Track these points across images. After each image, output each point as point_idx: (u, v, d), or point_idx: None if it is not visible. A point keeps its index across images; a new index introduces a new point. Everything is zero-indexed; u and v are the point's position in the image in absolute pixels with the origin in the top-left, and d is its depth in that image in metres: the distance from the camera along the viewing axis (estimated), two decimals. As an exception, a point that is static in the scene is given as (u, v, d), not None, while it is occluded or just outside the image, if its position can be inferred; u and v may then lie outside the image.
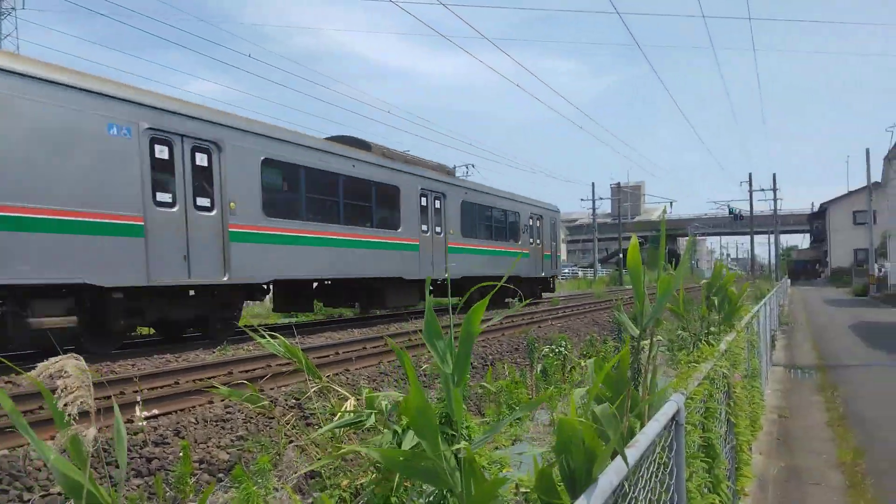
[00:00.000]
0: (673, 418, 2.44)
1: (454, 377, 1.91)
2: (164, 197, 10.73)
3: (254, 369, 9.51)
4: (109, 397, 7.28)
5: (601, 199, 65.83)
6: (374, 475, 5.72)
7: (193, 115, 11.38)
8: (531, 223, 25.35)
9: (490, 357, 12.69)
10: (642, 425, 2.29)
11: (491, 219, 22.47)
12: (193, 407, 7.26)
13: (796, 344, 15.58)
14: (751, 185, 55.24)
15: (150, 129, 10.53)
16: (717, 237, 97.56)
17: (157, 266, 10.41)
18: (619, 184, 70.69)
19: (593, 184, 70.97)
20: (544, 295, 28.38)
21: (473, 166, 53.69)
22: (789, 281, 42.91)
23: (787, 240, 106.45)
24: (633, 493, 1.98)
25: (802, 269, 74.76)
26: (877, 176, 41.72)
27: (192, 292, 11.91)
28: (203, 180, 11.46)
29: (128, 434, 6.34)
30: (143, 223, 10.23)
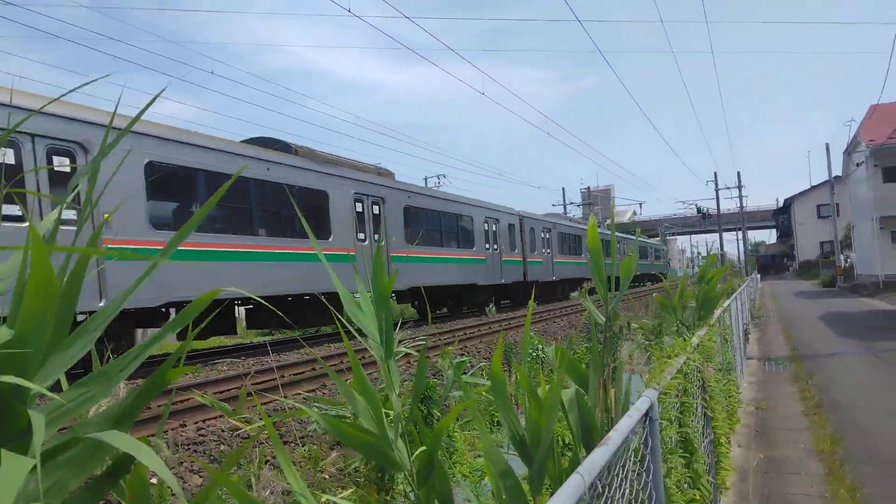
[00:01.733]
0: (646, 414, 2.38)
1: (384, 350, 1.94)
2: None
3: (228, 389, 9.31)
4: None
5: (572, 203, 66.55)
6: (353, 490, 5.57)
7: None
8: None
9: (469, 364, 12.59)
10: (610, 419, 2.22)
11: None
12: (165, 431, 7.06)
13: (769, 337, 15.74)
14: (716, 183, 56.10)
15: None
16: (687, 236, 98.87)
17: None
18: (589, 188, 71.12)
19: (563, 189, 70.89)
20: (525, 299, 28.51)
21: (445, 176, 53.54)
22: (759, 275, 43.51)
23: (755, 235, 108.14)
24: (608, 492, 1.91)
25: (771, 264, 76.01)
26: (838, 170, 42.58)
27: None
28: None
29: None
30: None
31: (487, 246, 24.26)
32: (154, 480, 4.44)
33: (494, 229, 24.96)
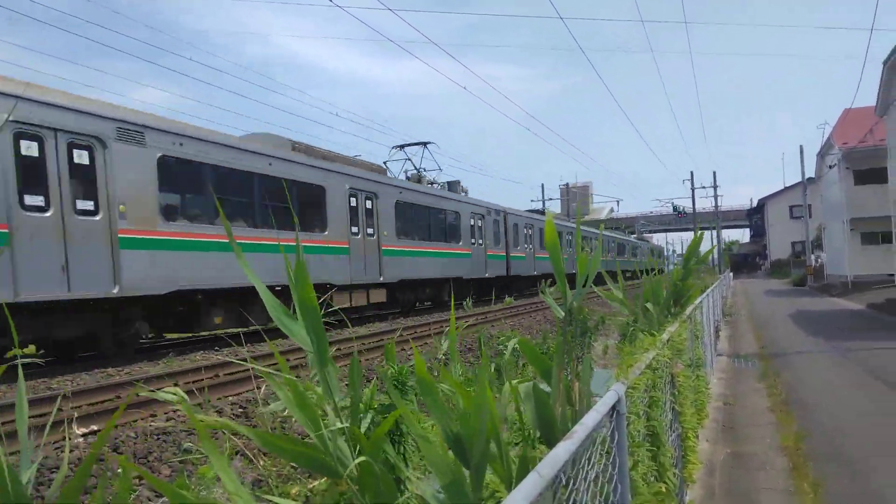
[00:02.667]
0: (614, 408, 2.39)
1: (319, 357, 1.98)
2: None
3: (200, 379, 9.21)
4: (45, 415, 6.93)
5: (551, 199, 66.97)
6: (322, 481, 5.54)
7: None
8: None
9: (444, 358, 12.59)
10: (574, 414, 2.23)
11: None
12: (135, 421, 6.97)
13: (740, 334, 15.97)
14: (693, 182, 56.82)
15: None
16: (663, 234, 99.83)
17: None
18: (567, 184, 71.63)
19: (543, 185, 71.69)
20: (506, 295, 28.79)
21: (426, 170, 53.17)
22: (731, 274, 44.13)
23: (729, 234, 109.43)
24: (574, 484, 1.91)
25: (744, 262, 77.07)
26: (811, 172, 43.32)
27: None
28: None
29: (61, 452, 6.03)
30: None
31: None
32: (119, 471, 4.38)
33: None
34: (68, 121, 10.03)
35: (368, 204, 18.05)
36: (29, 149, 9.51)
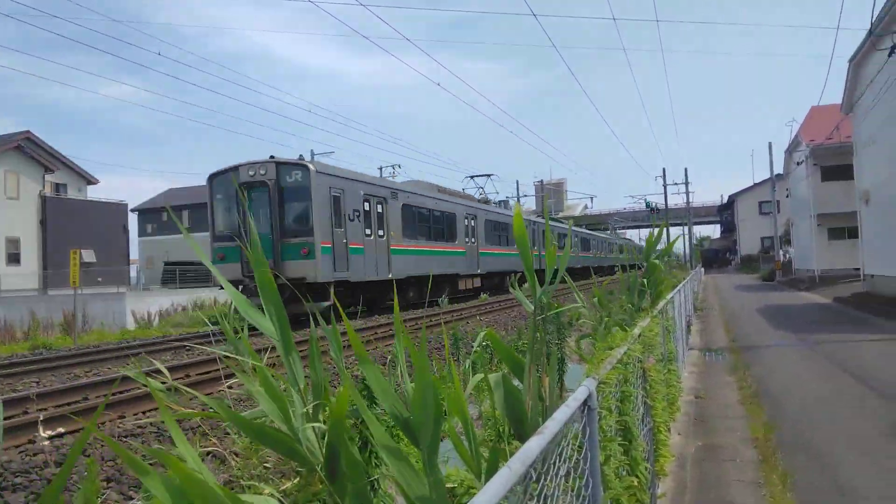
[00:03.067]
0: (585, 403, 2.40)
1: (284, 344, 2.09)
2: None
3: (174, 378, 9.07)
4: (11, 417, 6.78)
5: (525, 195, 67.23)
6: (296, 480, 5.49)
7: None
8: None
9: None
10: (544, 409, 2.23)
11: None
12: (103, 423, 6.84)
13: (711, 328, 16.21)
14: (665, 179, 57.52)
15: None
16: (636, 230, 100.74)
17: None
18: (542, 181, 72.00)
19: (517, 181, 71.79)
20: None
21: (399, 167, 53.24)
22: (703, 269, 44.74)
23: (700, 230, 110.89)
24: (545, 480, 1.91)
25: (715, 258, 78.27)
26: (779, 168, 44.02)
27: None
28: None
29: (28, 455, 5.89)
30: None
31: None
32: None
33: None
34: (377, 191, 20.83)
35: (474, 223, 28.66)
36: (366, 204, 19.83)
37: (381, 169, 52.57)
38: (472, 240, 28.62)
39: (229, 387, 3.42)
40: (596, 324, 4.96)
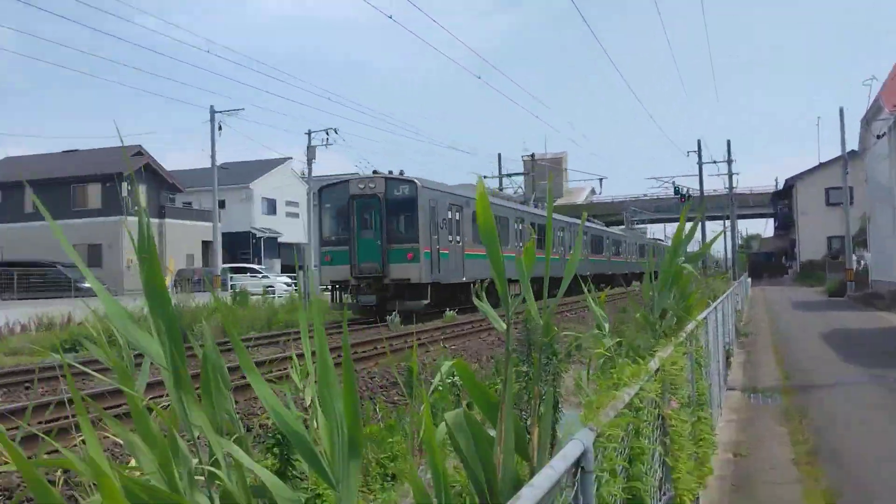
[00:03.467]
0: (577, 463, 2.42)
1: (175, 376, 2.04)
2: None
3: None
4: None
5: (511, 174, 66.77)
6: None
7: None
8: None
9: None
10: (532, 467, 2.25)
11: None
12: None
13: (757, 360, 16.49)
14: (700, 155, 57.72)
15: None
16: (661, 224, 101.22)
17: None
18: (533, 155, 70.94)
19: (500, 155, 70.58)
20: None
21: (336, 131, 52.65)
22: (749, 279, 45.42)
23: (747, 226, 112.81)
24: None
25: (766, 264, 79.61)
26: (853, 143, 44.50)
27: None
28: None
29: None
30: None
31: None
32: None
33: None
34: (457, 200, 30.51)
35: (522, 226, 37.73)
36: (449, 213, 29.56)
37: (309, 134, 52.36)
38: (519, 244, 36.05)
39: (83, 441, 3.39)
40: (602, 352, 5.00)
